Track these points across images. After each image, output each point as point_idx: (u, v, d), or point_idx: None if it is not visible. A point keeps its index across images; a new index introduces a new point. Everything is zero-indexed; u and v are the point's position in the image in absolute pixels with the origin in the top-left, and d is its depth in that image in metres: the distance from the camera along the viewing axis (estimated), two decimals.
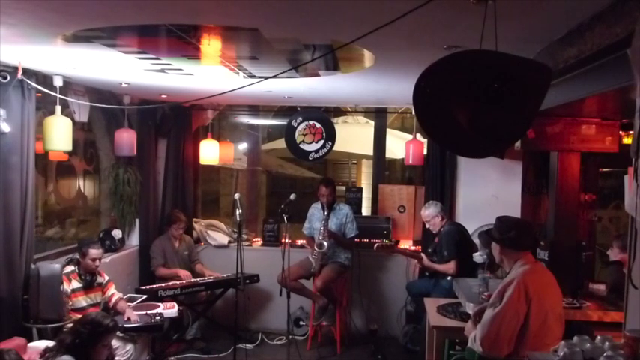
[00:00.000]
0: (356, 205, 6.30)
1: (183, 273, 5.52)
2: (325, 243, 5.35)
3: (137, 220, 5.92)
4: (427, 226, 5.16)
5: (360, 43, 2.65)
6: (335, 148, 6.12)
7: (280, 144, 8.63)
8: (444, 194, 5.77)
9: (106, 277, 4.53)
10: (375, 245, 5.25)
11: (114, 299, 4.49)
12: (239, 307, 4.93)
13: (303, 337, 5.94)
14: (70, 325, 3.71)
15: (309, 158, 6.10)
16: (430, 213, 5.07)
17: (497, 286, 3.01)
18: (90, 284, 4.37)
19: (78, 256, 4.36)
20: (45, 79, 4.08)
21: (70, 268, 4.29)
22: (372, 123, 7.82)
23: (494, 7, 2.02)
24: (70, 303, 4.21)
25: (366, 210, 7.15)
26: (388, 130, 7.73)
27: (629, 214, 2.07)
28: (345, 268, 5.60)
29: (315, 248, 5.38)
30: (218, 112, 6.54)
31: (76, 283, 4.28)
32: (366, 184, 10.31)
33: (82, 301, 4.32)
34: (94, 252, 4.33)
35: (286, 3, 2.30)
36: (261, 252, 6.24)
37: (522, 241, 3.01)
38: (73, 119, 4.44)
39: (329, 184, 5.62)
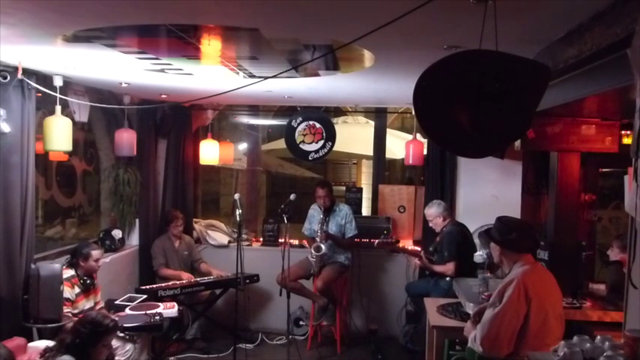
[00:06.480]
0: (356, 205, 6.30)
1: (187, 276, 5.52)
2: (322, 246, 5.34)
3: (137, 220, 5.92)
4: (430, 224, 5.17)
5: (360, 43, 2.65)
6: (335, 148, 6.11)
7: (280, 144, 8.62)
8: (444, 194, 5.76)
9: (97, 281, 4.55)
10: (376, 242, 5.27)
11: (97, 308, 4.47)
12: (239, 307, 4.94)
13: (303, 337, 5.94)
14: (70, 324, 3.71)
15: (309, 158, 6.10)
16: (432, 213, 5.08)
17: (497, 286, 3.01)
18: (89, 287, 4.39)
19: (76, 261, 4.34)
20: (45, 79, 4.07)
21: (70, 272, 4.28)
22: (372, 123, 7.82)
23: (494, 7, 2.02)
24: (75, 309, 4.20)
25: (366, 210, 7.15)
26: (388, 130, 7.72)
27: (629, 214, 2.07)
28: (345, 268, 5.61)
29: (312, 251, 5.37)
30: (218, 112, 6.54)
31: (77, 288, 4.29)
32: (366, 184, 10.30)
33: (85, 304, 4.34)
34: (96, 253, 4.41)
35: (286, 3, 2.30)
36: (261, 252, 6.24)
37: (523, 243, 3.00)
38: (73, 119, 4.43)
39: (325, 186, 5.63)
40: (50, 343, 3.35)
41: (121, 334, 4.16)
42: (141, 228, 5.93)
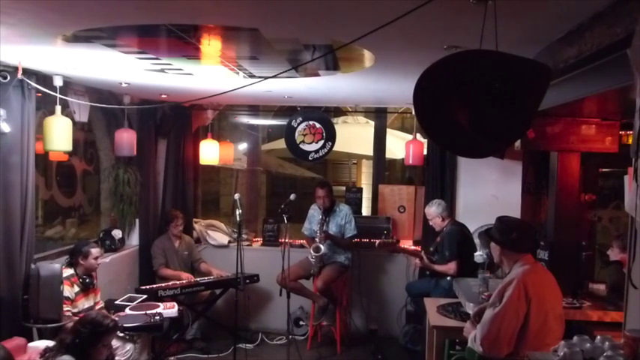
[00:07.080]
0: (356, 205, 6.30)
1: (186, 276, 5.52)
2: (322, 247, 5.34)
3: (137, 220, 5.92)
4: (430, 222, 5.17)
5: (360, 43, 2.65)
6: (335, 148, 6.11)
7: (280, 144, 8.63)
8: (444, 194, 5.76)
9: (97, 281, 4.54)
10: (377, 242, 5.28)
11: (97, 308, 4.48)
12: (239, 307, 4.94)
13: (303, 337, 5.94)
14: (70, 324, 3.71)
15: (309, 158, 6.10)
16: (432, 212, 5.07)
17: (497, 286, 3.01)
18: (88, 286, 4.39)
19: (75, 260, 4.34)
20: (45, 79, 4.07)
21: (70, 271, 4.29)
22: (372, 123, 7.82)
23: (494, 7, 2.02)
24: (74, 308, 4.20)
25: (366, 210, 7.16)
26: (388, 130, 7.73)
27: (629, 214, 2.07)
28: (345, 268, 5.61)
29: (312, 252, 5.37)
30: (218, 112, 6.54)
31: (76, 287, 4.29)
32: (366, 184, 10.31)
33: (85, 303, 4.34)
34: (95, 251, 4.41)
35: (286, 3, 2.29)
36: (261, 252, 6.24)
37: (523, 243, 3.00)
38: (73, 119, 4.43)
39: (324, 186, 5.63)
40: (50, 343, 3.34)
41: (121, 334, 4.16)
42: (141, 228, 5.93)
